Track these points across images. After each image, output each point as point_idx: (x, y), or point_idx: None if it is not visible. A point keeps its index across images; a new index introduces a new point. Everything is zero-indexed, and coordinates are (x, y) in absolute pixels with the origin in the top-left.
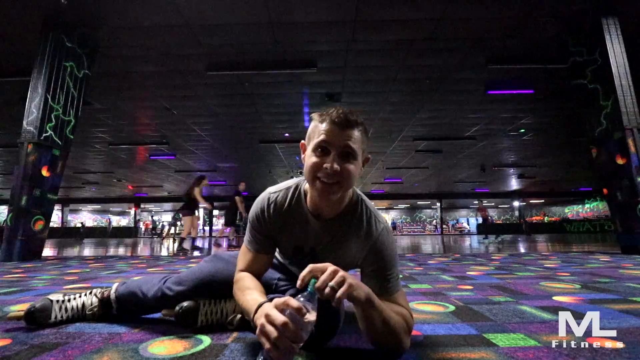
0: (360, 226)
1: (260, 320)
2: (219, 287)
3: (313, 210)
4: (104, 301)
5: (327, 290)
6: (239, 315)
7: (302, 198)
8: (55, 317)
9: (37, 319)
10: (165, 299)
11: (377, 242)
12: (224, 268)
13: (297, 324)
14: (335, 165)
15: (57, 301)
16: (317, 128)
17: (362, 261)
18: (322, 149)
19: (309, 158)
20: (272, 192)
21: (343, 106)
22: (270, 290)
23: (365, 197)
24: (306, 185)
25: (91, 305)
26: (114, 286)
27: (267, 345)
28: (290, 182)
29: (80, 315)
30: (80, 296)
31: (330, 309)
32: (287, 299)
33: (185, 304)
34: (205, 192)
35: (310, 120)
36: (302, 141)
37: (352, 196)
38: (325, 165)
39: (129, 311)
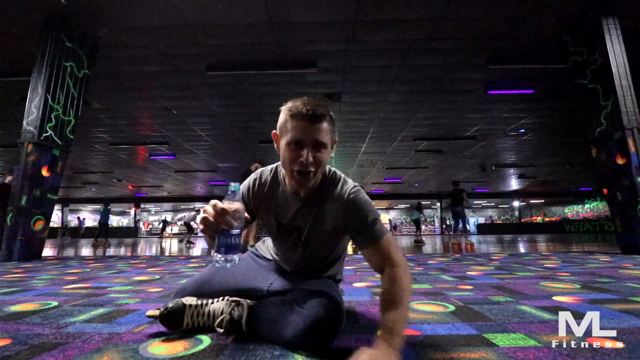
0: (333, 191)
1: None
2: (215, 289)
3: (292, 190)
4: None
5: None
6: (227, 317)
7: (280, 180)
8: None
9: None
10: None
11: (350, 200)
12: (224, 272)
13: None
14: (310, 158)
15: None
16: (287, 123)
17: (343, 222)
18: (295, 144)
19: (284, 151)
20: (260, 171)
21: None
22: (262, 296)
23: (336, 170)
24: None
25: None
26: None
27: (207, 219)
28: (274, 165)
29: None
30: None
31: (331, 307)
32: (214, 202)
33: (170, 304)
34: (205, 192)
35: (280, 112)
36: (274, 131)
37: (325, 173)
38: (301, 159)
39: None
